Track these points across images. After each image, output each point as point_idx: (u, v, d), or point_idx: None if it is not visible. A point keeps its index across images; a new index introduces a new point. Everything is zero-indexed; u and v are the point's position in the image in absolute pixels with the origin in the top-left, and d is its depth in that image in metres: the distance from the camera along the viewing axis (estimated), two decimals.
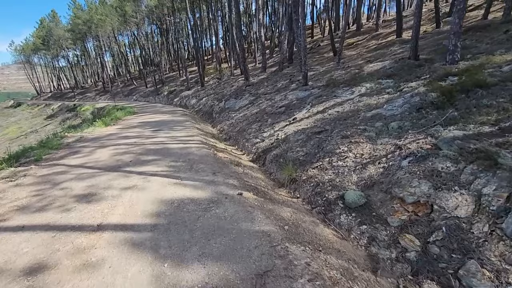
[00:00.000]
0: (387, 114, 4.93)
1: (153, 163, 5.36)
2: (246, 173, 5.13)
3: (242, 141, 7.95)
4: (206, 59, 36.44)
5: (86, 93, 47.54)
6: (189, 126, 10.20)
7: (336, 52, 14.45)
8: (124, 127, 11.14)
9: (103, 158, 6.14)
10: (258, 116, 8.96)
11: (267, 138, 6.95)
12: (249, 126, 8.56)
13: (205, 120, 14.78)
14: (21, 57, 57.18)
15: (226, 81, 21.53)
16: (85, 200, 3.80)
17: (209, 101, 17.58)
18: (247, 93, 13.24)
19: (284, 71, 14.55)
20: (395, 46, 11.69)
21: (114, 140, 8.17)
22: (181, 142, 7.29)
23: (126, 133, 9.37)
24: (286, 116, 7.52)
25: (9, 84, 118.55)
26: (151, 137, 8.10)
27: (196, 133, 8.62)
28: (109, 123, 12.58)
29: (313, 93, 8.13)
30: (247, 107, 11.41)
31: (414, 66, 6.96)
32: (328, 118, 6.02)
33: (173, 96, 26.53)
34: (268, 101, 10.27)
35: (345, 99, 6.50)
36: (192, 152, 6.12)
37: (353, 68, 9.63)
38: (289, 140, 6.06)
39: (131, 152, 6.42)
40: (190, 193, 3.82)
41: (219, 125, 11.67)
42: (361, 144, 4.33)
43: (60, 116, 36.22)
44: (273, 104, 9.26)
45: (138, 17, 34.29)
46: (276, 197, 4.19)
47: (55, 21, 46.60)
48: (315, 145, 5.16)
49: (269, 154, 6.10)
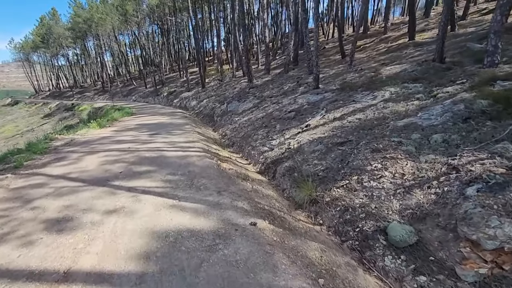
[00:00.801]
0: (424, 124, 4.14)
1: (147, 176, 4.54)
2: (256, 190, 4.32)
3: (248, 149, 7.15)
4: (207, 60, 35.69)
5: (85, 93, 46.64)
6: (189, 130, 9.39)
7: (345, 54, 13.73)
8: (119, 129, 10.31)
9: (91, 167, 5.32)
10: (264, 121, 8.16)
11: (276, 146, 6.14)
12: (255, 132, 7.76)
13: (206, 123, 13.97)
14: (20, 55, 56.25)
15: (227, 83, 20.75)
16: (57, 227, 2.97)
17: (210, 103, 16.77)
18: (251, 95, 12.45)
19: (290, 73, 13.78)
20: (409, 49, 10.95)
21: (107, 144, 7.35)
22: (180, 149, 6.48)
23: (120, 136, 8.54)
24: (297, 122, 6.72)
25: (8, 82, 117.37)
26: (147, 142, 7.28)
27: (197, 139, 7.80)
28: (104, 124, 11.74)
29: (326, 97, 7.35)
30: (251, 110, 10.61)
31: (441, 69, 6.20)
32: (348, 126, 5.22)
33: (173, 97, 25.72)
34: (274, 104, 9.48)
35: (366, 105, 5.71)
36: (192, 163, 5.30)
37: (367, 71, 8.87)
38: (303, 150, 5.25)
39: (122, 161, 5.59)
40: (190, 222, 3.00)
41: (221, 129, 10.86)
42: (399, 161, 3.53)
43: (58, 115, 35.40)
44: (281, 108, 8.47)
45: (139, 17, 33.53)
46: (296, 224, 3.38)
47: (55, 19, 45.75)
48: (337, 158, 4.36)
49: (280, 166, 5.29)
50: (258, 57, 24.69)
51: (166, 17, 35.52)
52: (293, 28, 13.11)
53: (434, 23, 15.80)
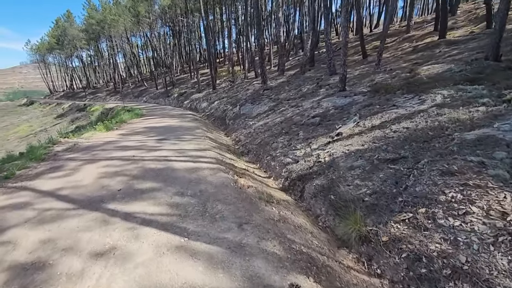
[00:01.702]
0: (508, 137, 3.12)
1: (150, 197, 3.66)
2: (285, 219, 3.38)
3: (266, 159, 6.22)
4: (218, 61, 35.02)
5: (97, 93, 46.74)
6: (200, 134, 8.53)
7: (366, 54, 12.67)
8: (126, 132, 9.56)
9: (87, 180, 4.49)
10: (284, 127, 7.23)
11: (302, 158, 5.19)
12: (273, 139, 6.83)
13: (217, 126, 13.13)
14: (36, 56, 57.00)
15: (239, 84, 19.92)
16: (20, 282, 2.12)
17: (222, 105, 15.95)
18: (265, 98, 11.54)
19: (307, 74, 12.80)
20: (442, 47, 9.83)
21: (110, 151, 6.55)
22: (190, 158, 5.60)
23: (126, 141, 7.75)
24: (325, 130, 5.76)
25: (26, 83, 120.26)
26: (154, 149, 6.45)
27: (209, 146, 6.93)
28: (111, 127, 11.04)
29: (357, 100, 6.37)
30: (267, 114, 9.69)
31: (501, 68, 5.15)
32: (394, 137, 4.23)
33: (183, 99, 25.07)
34: (293, 108, 8.53)
35: (413, 111, 4.71)
36: (204, 178, 4.40)
37: (399, 71, 7.83)
38: (338, 165, 4.29)
39: (124, 173, 4.75)
40: (204, 280, 2.09)
41: (233, 134, 9.98)
42: (491, 191, 2.53)
43: (70, 116, 35.44)
44: (302, 113, 7.52)
45: (151, 18, 33.14)
46: (348, 278, 2.43)
47: (70, 21, 46.02)
48: (389, 180, 3.38)
49: (310, 184, 4.35)
50: (270, 58, 23.80)
51: (177, 18, 35.05)
52: (310, 27, 12.14)
53: (462, 20, 14.56)
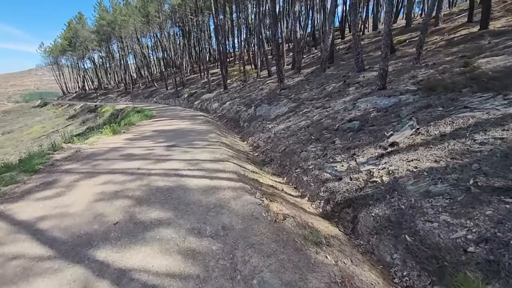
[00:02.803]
0: None
1: (155, 237, 2.61)
2: (350, 278, 2.29)
3: (295, 172, 5.12)
4: (228, 61, 34.03)
5: (108, 94, 46.50)
6: (214, 140, 7.49)
7: (394, 49, 11.38)
8: (134, 137, 8.61)
9: (78, 205, 3.49)
10: (313, 132, 6.10)
11: (346, 174, 4.07)
12: (302, 147, 5.71)
13: (231, 128, 12.09)
14: (50, 58, 57.32)
15: (251, 84, 18.84)
16: None
17: (235, 106, 14.90)
18: (283, 97, 10.42)
19: (327, 71, 11.61)
20: (487, 38, 8.49)
21: (112, 161, 5.58)
22: (205, 173, 4.55)
23: (132, 148, 6.79)
24: (370, 137, 4.61)
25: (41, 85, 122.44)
26: (163, 160, 5.43)
27: (226, 155, 5.87)
28: (118, 130, 10.13)
29: (405, 101, 5.19)
30: (288, 116, 8.57)
31: None
32: (484, 151, 3.05)
33: (193, 99, 24.18)
34: (320, 109, 7.39)
35: (501, 115, 3.52)
36: (226, 204, 3.34)
37: (446, 66, 6.59)
38: (404, 189, 3.16)
39: (125, 194, 3.74)
40: None
41: (250, 138, 8.90)
42: None
43: (81, 117, 35.23)
44: (333, 116, 6.37)
45: (161, 17, 32.36)
46: None
47: (82, 23, 45.87)
48: (510, 222, 2.23)
49: (365, 212, 3.23)
50: (283, 56, 22.59)
51: (187, 18, 34.22)
52: (331, 19, 10.93)
53: (498, 11, 13.05)
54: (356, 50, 8.68)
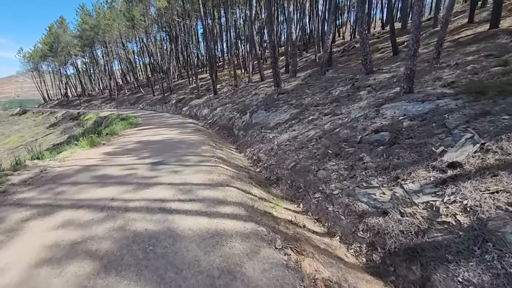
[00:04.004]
0: None
1: None
2: None
3: (315, 197, 4.01)
4: (217, 66, 32.87)
5: (92, 101, 44.24)
6: (208, 153, 6.30)
7: (397, 50, 10.59)
8: (114, 150, 7.29)
9: (10, 274, 2.22)
10: (328, 145, 5.03)
11: (391, 206, 3.00)
12: (318, 164, 4.62)
13: (224, 137, 10.91)
14: (30, 64, 54.34)
15: (243, 89, 17.76)
16: None
17: (227, 113, 13.73)
18: (282, 103, 9.36)
19: (328, 75, 10.67)
20: (503, 38, 7.77)
21: (81, 187, 4.29)
22: (202, 206, 3.36)
23: (109, 167, 5.50)
24: (413, 154, 3.57)
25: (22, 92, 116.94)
26: (145, 185, 4.20)
27: (225, 175, 4.69)
28: (98, 141, 8.76)
29: (445, 106, 4.21)
30: (290, 124, 7.49)
31: None
32: None
33: (181, 105, 22.84)
34: (329, 116, 6.35)
35: None
36: (238, 270, 2.15)
37: (476, 66, 5.71)
38: (503, 238, 2.11)
39: (86, 250, 2.49)
40: None
41: (248, 149, 7.75)
42: None
43: (63, 125, 33.12)
44: (351, 124, 5.33)
45: (147, 21, 30.85)
46: None
47: (63, 27, 43.59)
48: None
49: (443, 273, 2.15)
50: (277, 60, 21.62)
51: (174, 22, 32.87)
52: (332, 18, 10.02)
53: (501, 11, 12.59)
54: (364, 50, 7.75)
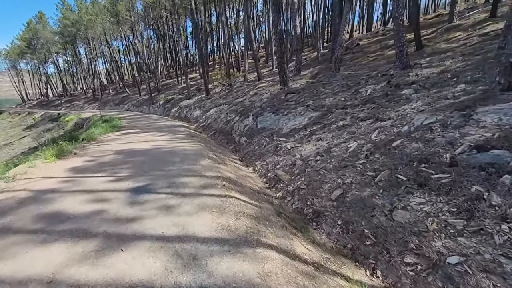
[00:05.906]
0: None
1: None
2: None
3: (406, 264, 2.34)
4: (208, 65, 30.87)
5: (74, 101, 41.01)
6: (211, 172, 4.51)
7: (422, 45, 9.16)
8: (84, 164, 5.32)
9: None
10: (391, 165, 3.37)
11: None
12: (387, 197, 2.96)
13: (222, 144, 9.11)
14: (7, 62, 50.15)
15: (239, 88, 15.98)
16: None
17: (223, 115, 11.91)
18: (295, 104, 7.68)
19: (343, 72, 9.09)
20: None
21: (14, 238, 2.41)
22: None
23: (70, 195, 3.59)
24: None
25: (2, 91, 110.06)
26: (118, 239, 2.36)
27: (245, 217, 2.95)
28: (68, 150, 6.73)
29: None
30: (312, 131, 5.82)
31: None
32: None
33: (170, 106, 20.77)
34: (371, 122, 4.72)
35: None
36: None
37: None
38: None
39: None
40: None
41: (258, 163, 6.00)
42: None
43: (41, 127, 30.13)
44: (418, 135, 3.71)
45: (133, 18, 28.40)
46: None
47: (42, 23, 40.13)
48: None
49: None
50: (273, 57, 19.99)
51: (162, 19, 30.57)
52: (348, 7, 8.50)
53: None
54: (400, 41, 6.20)
